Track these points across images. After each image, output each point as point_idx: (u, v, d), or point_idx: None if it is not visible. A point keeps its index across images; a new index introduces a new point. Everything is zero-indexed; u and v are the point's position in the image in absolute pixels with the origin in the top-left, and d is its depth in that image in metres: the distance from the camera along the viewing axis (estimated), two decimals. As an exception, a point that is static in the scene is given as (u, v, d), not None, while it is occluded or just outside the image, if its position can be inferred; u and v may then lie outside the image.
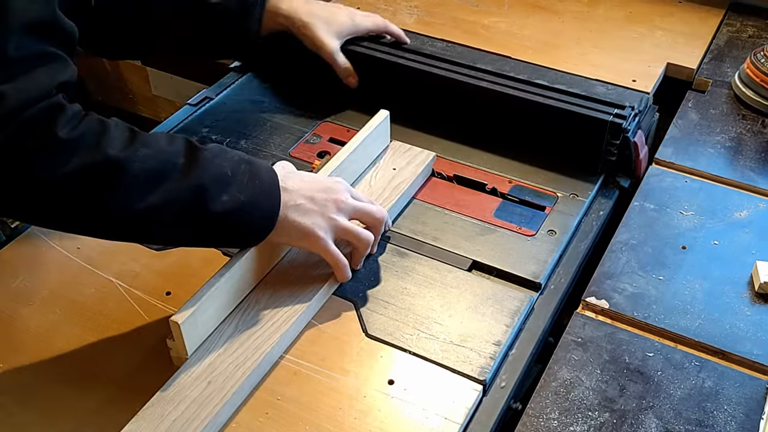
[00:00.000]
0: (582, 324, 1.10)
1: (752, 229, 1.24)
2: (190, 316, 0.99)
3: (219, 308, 1.05)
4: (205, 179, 0.97)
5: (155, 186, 0.94)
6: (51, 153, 0.89)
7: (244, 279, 1.08)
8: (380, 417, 0.98)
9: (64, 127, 0.89)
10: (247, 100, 1.54)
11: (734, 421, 0.97)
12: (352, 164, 1.26)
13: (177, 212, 0.96)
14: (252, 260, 1.09)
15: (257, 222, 1.03)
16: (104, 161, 0.91)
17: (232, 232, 1.02)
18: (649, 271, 1.17)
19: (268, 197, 1.04)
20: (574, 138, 1.32)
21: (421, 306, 1.12)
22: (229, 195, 0.99)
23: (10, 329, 1.09)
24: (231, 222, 1.00)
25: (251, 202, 1.01)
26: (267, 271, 1.14)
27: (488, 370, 1.03)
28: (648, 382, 1.02)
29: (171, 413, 0.94)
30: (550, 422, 0.98)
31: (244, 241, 1.06)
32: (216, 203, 0.97)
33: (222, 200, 0.98)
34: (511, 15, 1.77)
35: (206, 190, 0.97)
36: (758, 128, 1.45)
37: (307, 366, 1.04)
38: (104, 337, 1.08)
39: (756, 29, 1.73)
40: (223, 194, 0.98)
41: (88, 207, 0.92)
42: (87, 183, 0.90)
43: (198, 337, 1.03)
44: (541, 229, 1.24)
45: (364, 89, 1.46)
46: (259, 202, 1.02)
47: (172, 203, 0.95)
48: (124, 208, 0.93)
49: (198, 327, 1.02)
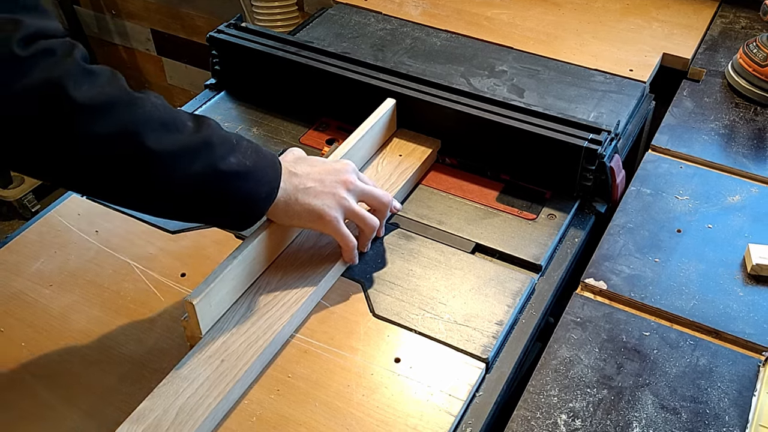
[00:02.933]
0: (581, 304, 1.09)
1: (745, 213, 1.23)
2: (204, 296, 0.98)
3: (231, 289, 1.05)
4: (214, 138, 0.95)
5: (168, 132, 0.91)
6: (79, 78, 0.85)
7: (256, 261, 1.08)
8: (387, 394, 0.97)
9: (82, 59, 0.86)
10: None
11: (727, 398, 0.97)
12: (359, 151, 1.26)
13: (188, 162, 0.92)
14: (264, 243, 1.08)
15: (261, 190, 1.00)
16: (127, 94, 0.89)
17: (237, 197, 0.98)
18: (645, 254, 1.16)
19: (271, 169, 1.02)
20: (550, 163, 1.26)
21: (426, 287, 1.11)
22: (235, 158, 0.96)
23: (31, 310, 1.09)
24: (236, 185, 0.97)
25: (256, 169, 0.99)
26: (278, 254, 1.13)
27: (491, 348, 1.02)
28: (644, 360, 1.02)
29: (185, 390, 0.94)
30: (550, 399, 0.97)
31: (245, 212, 1.01)
32: (224, 162, 0.95)
33: (230, 161, 0.95)
34: (513, 7, 1.76)
35: (215, 147, 0.95)
36: (750, 116, 1.44)
37: (317, 345, 1.03)
38: (121, 317, 1.07)
39: (749, 20, 1.72)
40: (230, 156, 0.96)
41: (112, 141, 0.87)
42: (108, 110, 0.86)
43: (211, 317, 1.02)
44: (541, 213, 1.23)
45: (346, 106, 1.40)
46: (264, 171, 1.00)
47: (185, 151, 0.92)
48: (141, 145, 0.88)
49: (211, 307, 1.01)
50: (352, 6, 1.77)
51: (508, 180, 1.30)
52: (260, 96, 1.49)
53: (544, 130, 1.23)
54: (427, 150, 1.31)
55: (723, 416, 0.95)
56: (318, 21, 1.73)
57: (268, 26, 2.29)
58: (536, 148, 1.24)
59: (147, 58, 3.06)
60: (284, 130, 1.41)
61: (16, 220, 2.95)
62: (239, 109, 1.47)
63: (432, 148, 1.32)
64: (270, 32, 1.48)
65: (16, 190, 2.83)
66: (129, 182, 0.91)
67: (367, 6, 1.76)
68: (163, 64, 3.03)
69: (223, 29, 1.49)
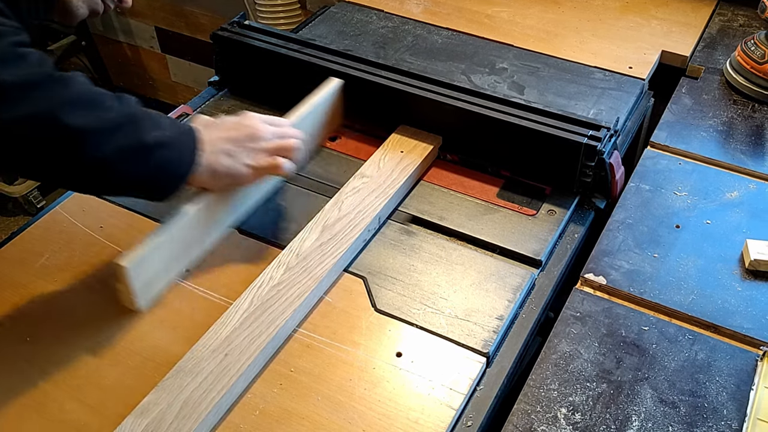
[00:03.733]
0: (581, 299, 1.09)
1: (743, 208, 1.23)
2: (137, 260, 1.02)
3: (168, 256, 1.08)
4: (138, 113, 0.98)
5: (92, 109, 0.93)
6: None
7: (194, 229, 1.11)
8: (389, 388, 0.97)
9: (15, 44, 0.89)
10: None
11: (725, 392, 0.97)
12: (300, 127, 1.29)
13: (114, 137, 0.94)
14: (202, 211, 1.11)
15: (184, 158, 1.03)
16: (50, 75, 0.90)
17: (162, 166, 1.01)
18: (644, 249, 1.16)
19: (189, 137, 1.05)
20: (550, 159, 1.26)
21: (427, 282, 1.11)
22: (158, 131, 0.99)
23: (36, 305, 1.09)
24: (161, 155, 0.99)
25: (177, 139, 1.02)
26: (218, 222, 1.16)
27: (491, 343, 1.02)
28: (643, 355, 1.01)
29: (189, 384, 0.94)
30: (550, 392, 0.97)
31: (169, 180, 1.03)
32: (148, 135, 0.97)
33: (153, 134, 0.98)
34: (514, 5, 1.76)
35: (139, 121, 0.98)
36: (748, 113, 1.44)
37: (319, 339, 1.03)
38: (126, 312, 1.07)
39: (746, 18, 1.72)
40: (153, 129, 0.99)
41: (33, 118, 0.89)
42: (32, 90, 0.88)
43: (145, 281, 1.05)
44: (541, 209, 1.23)
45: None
46: (184, 141, 1.04)
47: (110, 127, 0.94)
48: (64, 124, 0.90)
49: (146, 272, 1.05)
50: (354, 4, 1.77)
51: (509, 176, 1.29)
52: (263, 93, 1.48)
53: (544, 126, 1.23)
54: (428, 146, 1.31)
55: (721, 410, 0.95)
56: (320, 19, 1.72)
57: (271, 24, 2.28)
58: (536, 145, 1.24)
59: (151, 56, 3.05)
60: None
61: (22, 216, 2.95)
62: (242, 106, 1.46)
63: (433, 145, 1.31)
64: (273, 30, 1.47)
65: (21, 186, 2.83)
66: (57, 161, 0.93)
67: (369, 4, 1.76)
68: (167, 62, 3.03)
69: (227, 27, 1.49)
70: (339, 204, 1.19)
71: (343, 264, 1.13)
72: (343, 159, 1.33)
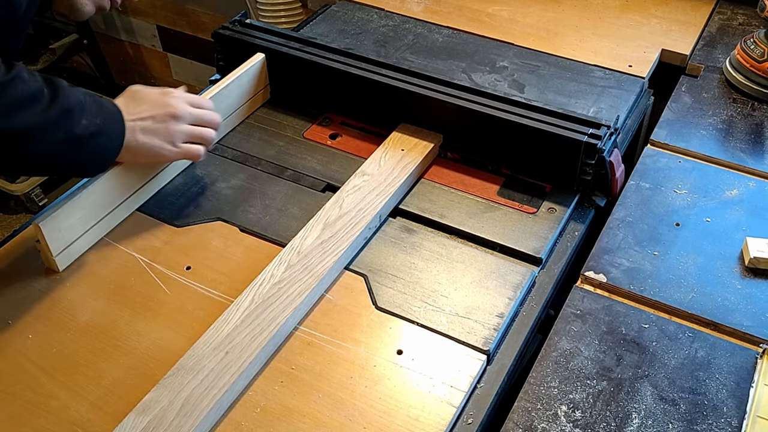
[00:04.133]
0: (581, 297, 1.09)
1: (742, 206, 1.22)
2: (51, 219, 1.08)
3: (84, 216, 1.14)
4: (70, 104, 1.01)
5: (28, 108, 0.96)
6: None
7: (110, 192, 1.17)
8: (389, 385, 0.97)
9: None
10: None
11: (725, 389, 0.96)
12: (224, 99, 1.36)
13: (49, 134, 0.98)
14: (118, 175, 1.17)
15: (112, 144, 1.08)
16: None
17: (93, 154, 1.06)
18: (644, 247, 1.16)
19: (117, 121, 1.09)
20: (551, 157, 1.25)
21: (428, 280, 1.11)
22: (87, 119, 1.03)
23: (38, 302, 1.08)
24: (91, 144, 1.04)
25: (106, 126, 1.06)
26: (134, 187, 1.22)
27: (492, 340, 1.02)
28: (643, 352, 1.01)
29: (191, 382, 0.94)
30: (550, 390, 0.97)
31: (98, 163, 1.09)
32: (79, 126, 1.01)
33: (83, 124, 1.02)
34: (514, 3, 1.75)
35: (72, 113, 1.01)
36: (748, 111, 1.43)
37: (320, 337, 1.03)
38: (127, 310, 1.07)
39: (746, 17, 1.71)
40: (82, 118, 1.02)
41: None
42: None
43: (63, 240, 1.11)
44: (542, 207, 1.22)
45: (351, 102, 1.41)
46: (112, 126, 1.08)
47: (46, 124, 0.98)
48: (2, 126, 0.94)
49: (61, 232, 1.10)
50: (355, 2, 1.77)
51: (509, 174, 1.29)
52: (264, 91, 1.48)
53: (545, 125, 1.22)
54: (429, 144, 1.31)
55: (721, 407, 0.94)
56: (321, 17, 1.72)
57: (273, 23, 2.28)
58: (537, 143, 1.24)
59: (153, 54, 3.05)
60: (288, 125, 1.41)
61: (24, 214, 2.95)
62: (244, 105, 1.46)
63: (434, 143, 1.31)
64: (274, 29, 1.47)
65: (23, 184, 2.82)
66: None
67: (369, 3, 1.76)
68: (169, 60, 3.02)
69: (228, 26, 1.48)
70: (340, 202, 1.19)
71: (344, 262, 1.13)
72: (344, 157, 1.33)
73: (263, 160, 1.32)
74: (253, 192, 1.26)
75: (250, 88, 1.42)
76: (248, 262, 1.13)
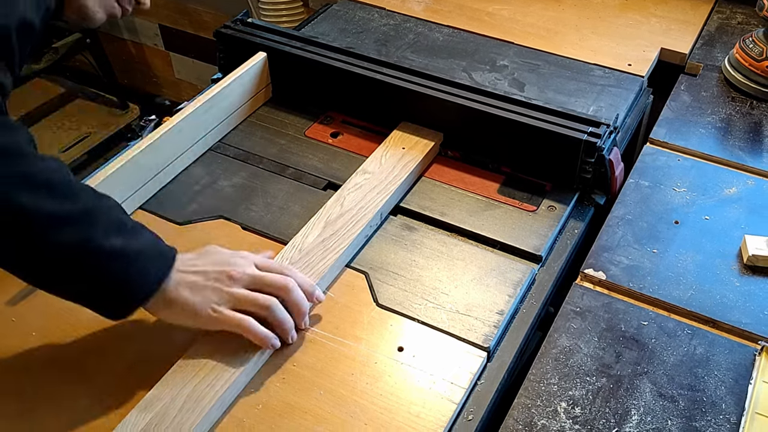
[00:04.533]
0: (580, 294, 1.09)
1: (741, 204, 1.22)
2: None
3: None
4: (100, 212, 0.89)
5: (49, 195, 0.85)
6: None
7: (113, 190, 1.08)
8: (390, 382, 0.97)
9: None
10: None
11: (724, 386, 0.96)
12: (226, 98, 1.35)
13: (61, 229, 0.85)
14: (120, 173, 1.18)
15: (142, 279, 0.91)
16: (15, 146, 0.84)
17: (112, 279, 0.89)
18: (643, 245, 1.16)
19: (161, 258, 0.94)
20: (550, 155, 1.24)
21: (428, 277, 1.11)
22: (122, 240, 0.89)
23: (42, 300, 1.08)
24: (113, 266, 0.89)
25: (143, 254, 0.91)
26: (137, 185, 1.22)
27: (492, 337, 1.02)
28: (642, 349, 1.01)
29: (192, 379, 0.94)
30: (550, 387, 0.97)
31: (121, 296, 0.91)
32: (106, 239, 0.87)
33: (112, 240, 0.88)
34: (514, 3, 1.75)
35: (98, 220, 0.88)
36: (747, 110, 1.43)
37: (321, 334, 1.03)
38: (131, 307, 1.07)
39: (745, 16, 1.71)
40: (115, 235, 0.88)
41: None
42: None
43: None
44: (541, 205, 1.22)
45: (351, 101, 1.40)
46: (152, 259, 0.93)
47: (60, 216, 0.85)
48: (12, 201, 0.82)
49: None
50: (356, 2, 1.76)
51: (509, 172, 1.29)
52: (266, 90, 1.48)
53: (545, 123, 1.22)
54: (429, 143, 1.31)
55: (720, 404, 0.94)
56: (323, 16, 1.72)
57: (274, 22, 2.28)
58: (537, 141, 1.24)
59: (155, 53, 3.05)
60: (290, 124, 1.41)
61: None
62: (245, 103, 1.46)
63: (434, 141, 1.31)
64: (276, 28, 1.47)
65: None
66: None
67: (370, 2, 1.76)
68: (171, 59, 3.02)
69: (230, 25, 1.48)
70: (341, 200, 1.19)
71: (345, 259, 1.13)
72: (345, 155, 1.33)
73: (265, 159, 1.32)
74: (255, 190, 1.26)
75: (251, 86, 1.42)
76: (250, 259, 1.13)
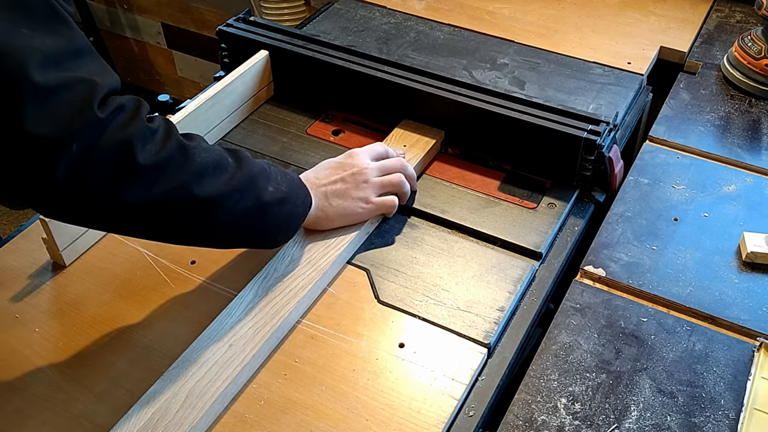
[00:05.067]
0: (580, 291, 1.09)
1: (740, 202, 1.22)
2: None
3: None
4: (255, 171, 0.97)
5: (215, 176, 0.92)
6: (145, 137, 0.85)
7: None
8: (391, 378, 0.97)
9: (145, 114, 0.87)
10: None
11: (723, 382, 0.96)
12: (229, 96, 1.35)
13: (237, 201, 0.94)
14: None
15: (298, 210, 1.05)
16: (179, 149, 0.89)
17: (280, 221, 1.02)
18: (643, 242, 1.15)
19: (301, 188, 1.06)
20: (550, 153, 1.25)
21: (429, 274, 1.11)
22: (273, 186, 0.99)
23: (44, 296, 1.08)
24: (278, 211, 1.00)
25: (291, 191, 1.03)
26: None
27: (492, 334, 1.02)
28: (642, 346, 1.01)
29: (194, 374, 0.93)
30: (550, 383, 0.97)
31: (284, 231, 1.05)
32: (266, 193, 0.98)
33: (269, 190, 0.98)
34: (514, 1, 1.75)
35: (257, 180, 0.97)
36: (745, 108, 1.43)
37: (323, 330, 1.03)
38: (133, 303, 1.07)
39: (743, 15, 1.71)
40: (268, 185, 0.99)
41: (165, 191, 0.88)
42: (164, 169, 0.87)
43: (69, 235, 1.11)
44: (542, 202, 1.22)
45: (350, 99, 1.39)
46: (296, 191, 1.04)
47: (233, 191, 0.94)
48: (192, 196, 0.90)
49: (68, 227, 1.08)
50: (357, 0, 1.76)
51: (510, 170, 1.29)
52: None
53: (545, 121, 1.22)
54: (430, 141, 1.30)
55: (718, 400, 0.94)
56: (324, 15, 1.72)
57: (276, 20, 2.28)
58: (537, 139, 1.23)
59: (158, 51, 3.05)
60: (291, 122, 1.41)
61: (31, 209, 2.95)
62: (247, 101, 1.46)
63: (436, 139, 1.31)
64: (277, 26, 1.47)
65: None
66: (182, 228, 0.93)
67: (372, 0, 1.75)
68: (174, 57, 3.02)
69: (232, 23, 1.48)
70: (342, 197, 1.19)
71: (347, 256, 1.13)
72: (346, 153, 1.33)
73: (267, 156, 1.32)
74: (257, 187, 1.25)
75: (253, 84, 1.41)
76: (252, 256, 1.13)
